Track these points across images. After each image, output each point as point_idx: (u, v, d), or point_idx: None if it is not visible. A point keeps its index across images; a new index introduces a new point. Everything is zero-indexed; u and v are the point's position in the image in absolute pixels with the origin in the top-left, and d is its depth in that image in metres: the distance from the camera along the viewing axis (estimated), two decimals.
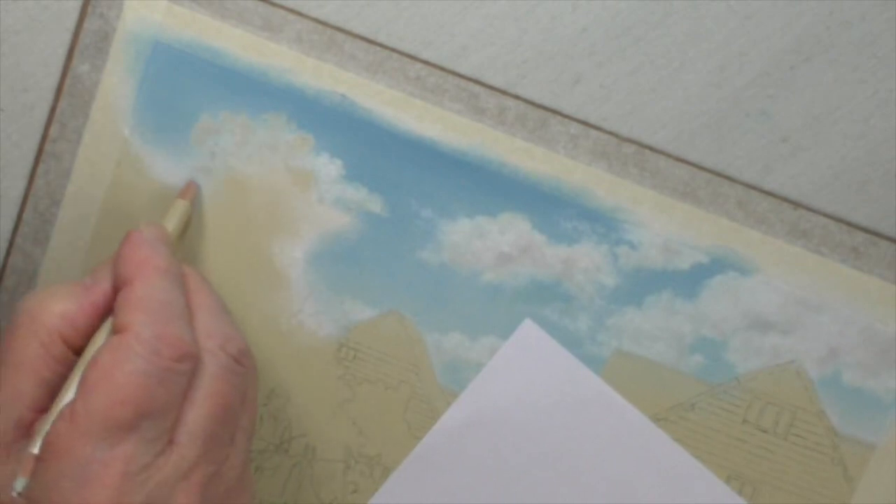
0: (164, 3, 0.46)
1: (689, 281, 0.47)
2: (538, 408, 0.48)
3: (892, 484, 0.48)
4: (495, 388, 0.48)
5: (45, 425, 0.39)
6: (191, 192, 0.47)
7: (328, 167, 0.47)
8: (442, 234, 0.47)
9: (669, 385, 0.48)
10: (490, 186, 0.47)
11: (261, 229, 0.48)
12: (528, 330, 0.48)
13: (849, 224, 0.47)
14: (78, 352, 0.41)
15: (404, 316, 0.48)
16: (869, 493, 0.48)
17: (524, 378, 0.48)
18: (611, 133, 0.47)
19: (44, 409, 0.40)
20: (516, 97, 0.47)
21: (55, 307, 0.41)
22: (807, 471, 0.48)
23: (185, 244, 0.47)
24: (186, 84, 0.47)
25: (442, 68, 0.46)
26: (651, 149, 0.47)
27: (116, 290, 0.42)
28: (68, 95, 0.47)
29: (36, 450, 0.38)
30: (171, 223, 0.45)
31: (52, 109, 0.47)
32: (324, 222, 0.47)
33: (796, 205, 0.47)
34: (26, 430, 0.40)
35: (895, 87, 0.46)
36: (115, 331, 0.40)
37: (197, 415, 0.40)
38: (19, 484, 0.38)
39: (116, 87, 0.47)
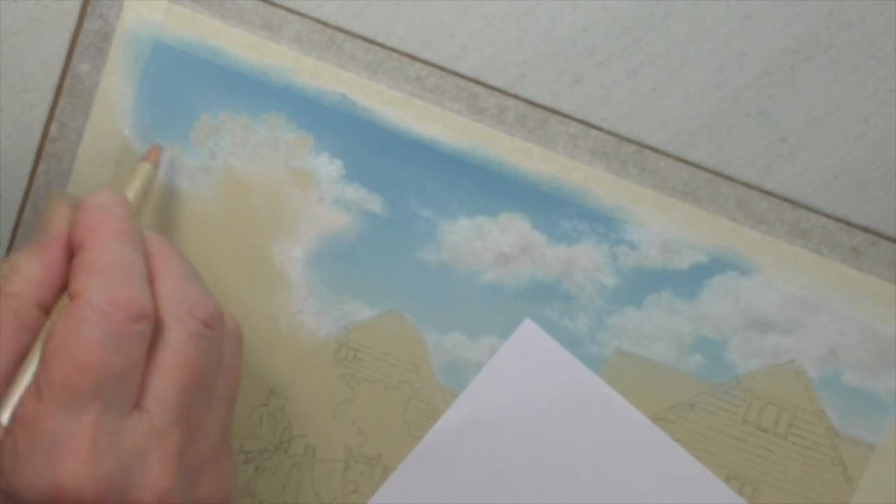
0: (164, 3, 0.46)
1: (689, 281, 0.47)
2: (538, 408, 0.48)
3: (892, 484, 0.48)
4: (495, 388, 0.48)
5: (12, 398, 0.38)
6: (154, 155, 0.46)
7: (328, 167, 0.47)
8: (442, 234, 0.47)
9: (669, 385, 0.48)
10: (490, 186, 0.47)
11: (261, 229, 0.48)
12: (528, 330, 0.48)
13: (849, 224, 0.47)
14: (49, 312, 0.41)
15: (404, 316, 0.48)
16: (869, 493, 0.48)
17: (524, 378, 0.48)
18: (611, 133, 0.47)
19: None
20: (516, 97, 0.47)
21: (20, 275, 0.41)
22: (807, 471, 0.48)
23: (183, 241, 0.47)
24: (186, 84, 0.47)
25: (442, 68, 0.46)
26: (651, 149, 0.47)
27: (72, 254, 0.41)
28: (68, 95, 0.47)
29: (5, 420, 0.38)
30: (133, 187, 0.45)
31: (52, 109, 0.47)
32: (324, 222, 0.47)
33: (796, 205, 0.47)
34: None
35: (895, 87, 0.46)
36: (70, 297, 0.40)
37: (165, 381, 0.39)
38: None
39: (116, 87, 0.47)
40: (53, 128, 0.47)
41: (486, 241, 0.47)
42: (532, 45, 0.46)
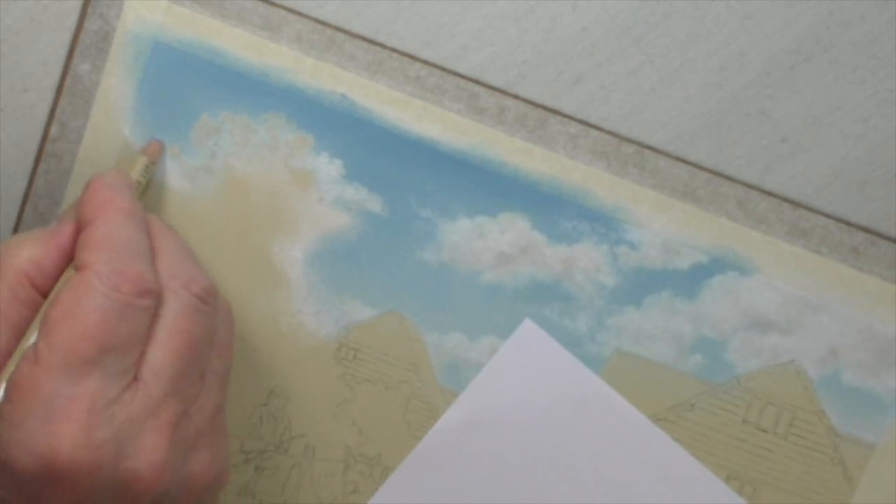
0: (164, 3, 0.46)
1: (689, 281, 0.47)
2: (538, 408, 0.48)
3: (892, 484, 0.48)
4: (495, 388, 0.48)
5: (11, 365, 0.39)
6: (153, 149, 0.46)
7: (328, 167, 0.47)
8: (442, 234, 0.47)
9: (669, 385, 0.48)
10: (490, 186, 0.47)
11: (261, 229, 0.48)
12: (528, 330, 0.48)
13: (849, 224, 0.47)
14: (46, 295, 0.41)
15: (404, 316, 0.48)
16: (869, 493, 0.48)
17: (524, 378, 0.48)
18: (611, 133, 0.47)
19: (11, 353, 0.40)
20: (516, 97, 0.47)
21: (22, 251, 0.41)
22: (807, 471, 0.48)
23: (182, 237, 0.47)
24: (186, 84, 0.47)
25: (442, 68, 0.46)
26: (651, 149, 0.47)
27: (80, 232, 0.42)
28: (68, 95, 0.47)
29: (1, 389, 0.38)
30: (132, 175, 0.45)
31: (52, 109, 0.47)
32: (324, 222, 0.47)
33: (796, 205, 0.47)
34: None
35: (895, 87, 0.46)
36: (76, 269, 0.40)
37: (161, 352, 0.40)
38: None
39: (116, 87, 0.47)
40: (53, 128, 0.47)
41: (486, 241, 0.47)
42: (532, 45, 0.46)
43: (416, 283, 0.48)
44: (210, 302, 0.42)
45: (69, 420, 0.38)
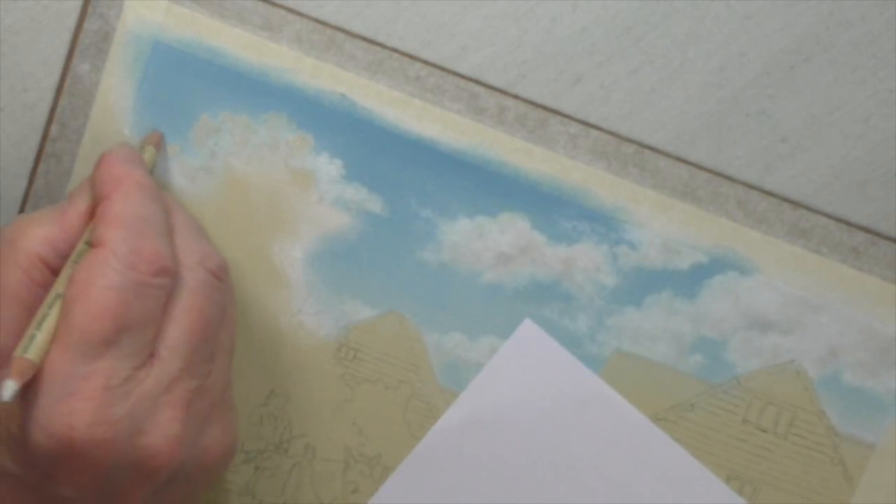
0: (164, 3, 0.46)
1: (689, 281, 0.47)
2: (538, 408, 0.48)
3: (892, 484, 0.48)
4: (495, 388, 0.48)
5: (25, 339, 0.38)
6: (156, 138, 0.46)
7: (328, 167, 0.47)
8: (442, 234, 0.47)
9: (669, 385, 0.48)
10: (490, 186, 0.47)
11: (261, 229, 0.48)
12: (528, 330, 0.48)
13: (849, 224, 0.47)
14: (59, 273, 0.41)
15: (404, 316, 0.48)
16: (869, 493, 0.48)
17: (524, 378, 0.48)
18: (611, 133, 0.47)
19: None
20: (516, 97, 0.47)
21: (35, 232, 0.41)
22: (807, 471, 0.48)
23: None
24: (186, 84, 0.47)
25: (442, 68, 0.46)
26: (651, 149, 0.47)
27: (95, 208, 0.41)
28: (68, 95, 0.47)
29: (23, 352, 0.38)
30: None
31: (52, 109, 0.47)
32: (324, 222, 0.47)
33: (796, 205, 0.47)
34: (8, 357, 0.39)
35: (895, 87, 0.46)
36: (93, 245, 0.40)
37: (177, 329, 0.40)
38: (9, 388, 0.37)
39: (116, 87, 0.47)
40: (53, 128, 0.47)
41: (486, 241, 0.47)
42: (532, 45, 0.46)
43: (416, 283, 0.48)
44: (224, 278, 0.42)
45: (85, 398, 0.38)
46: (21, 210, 0.48)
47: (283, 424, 0.49)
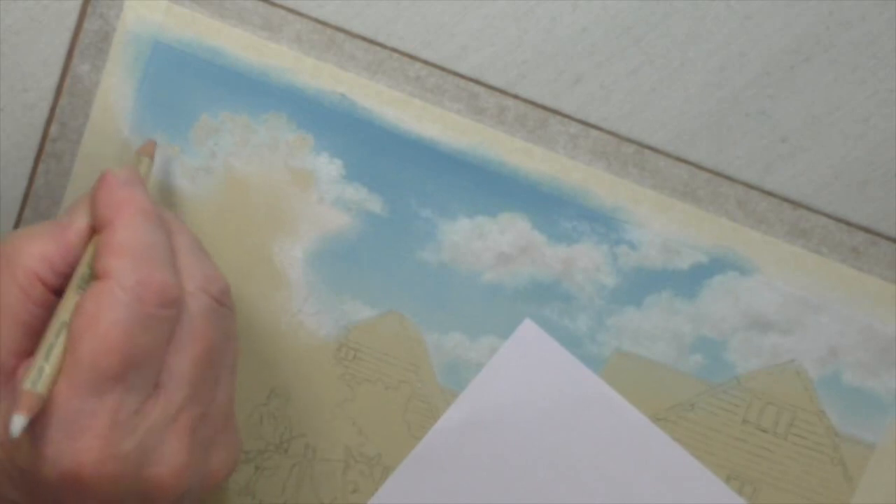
0: (164, 3, 0.46)
1: (689, 281, 0.47)
2: (538, 408, 0.48)
3: (892, 484, 0.48)
4: (495, 388, 0.48)
5: (34, 372, 0.38)
6: (150, 148, 0.46)
7: (328, 167, 0.47)
8: (442, 234, 0.47)
9: (669, 385, 0.48)
10: (490, 186, 0.47)
11: (261, 229, 0.48)
12: (528, 330, 0.48)
13: (849, 224, 0.47)
14: (57, 292, 0.40)
15: (404, 316, 0.48)
16: (869, 493, 0.48)
17: (524, 378, 0.48)
18: (610, 133, 0.47)
19: (25, 353, 0.40)
20: (516, 97, 0.47)
21: (33, 249, 0.40)
22: (807, 471, 0.48)
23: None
24: (186, 84, 0.47)
25: (442, 68, 0.46)
26: (651, 149, 0.47)
27: (94, 230, 0.41)
28: (68, 95, 0.47)
29: (31, 386, 0.37)
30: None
31: (52, 109, 0.47)
32: (324, 222, 0.47)
33: (796, 205, 0.47)
34: (8, 377, 0.39)
35: (895, 87, 0.46)
36: (97, 276, 0.39)
37: (182, 358, 0.40)
38: (18, 423, 0.36)
39: (116, 87, 0.47)
40: (53, 128, 0.47)
41: (486, 241, 0.47)
42: (532, 45, 0.46)
43: (416, 283, 0.48)
44: (227, 303, 0.42)
45: (93, 435, 0.38)
46: (21, 210, 0.48)
47: (283, 424, 0.49)
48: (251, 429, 0.49)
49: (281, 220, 0.47)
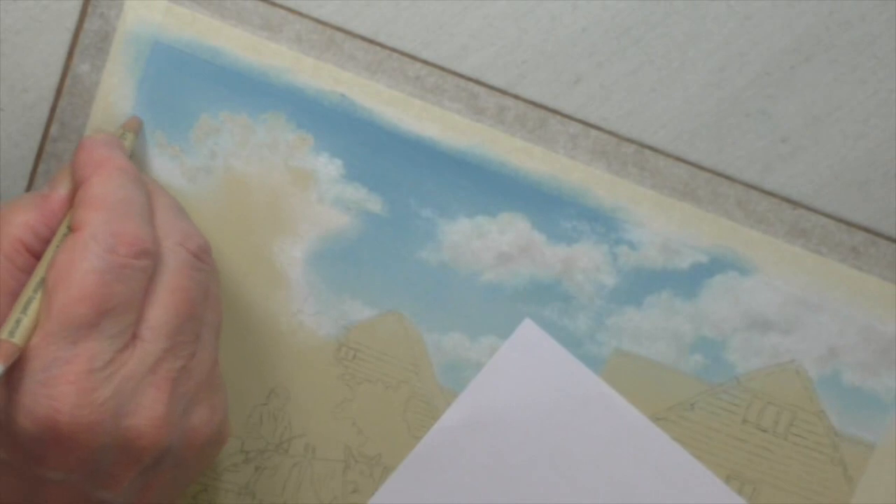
0: (164, 3, 0.46)
1: (689, 281, 0.47)
2: (538, 408, 0.48)
3: (892, 484, 0.48)
4: (495, 388, 0.48)
5: (10, 323, 0.38)
6: (134, 123, 0.46)
7: (328, 167, 0.47)
8: (442, 233, 0.47)
9: (669, 385, 0.48)
10: (490, 186, 0.47)
11: (261, 229, 0.48)
12: (528, 330, 0.48)
13: (849, 224, 0.47)
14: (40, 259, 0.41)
15: (404, 316, 0.48)
16: (869, 493, 0.48)
17: (524, 378, 0.48)
18: (610, 133, 0.47)
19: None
20: (516, 97, 0.47)
21: (16, 218, 0.41)
22: (807, 471, 0.48)
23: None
24: (186, 84, 0.47)
25: (442, 68, 0.47)
26: (651, 149, 0.47)
27: (75, 193, 0.41)
28: (68, 95, 0.47)
29: (8, 336, 0.38)
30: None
31: (52, 109, 0.47)
32: (324, 222, 0.47)
33: (796, 205, 0.47)
34: None
35: (895, 88, 0.46)
36: (72, 229, 0.40)
37: (159, 310, 0.40)
38: None
39: (116, 87, 0.47)
40: (53, 128, 0.47)
41: (486, 240, 0.47)
42: (532, 45, 0.46)
43: (416, 283, 0.48)
44: (205, 259, 0.42)
45: (68, 382, 0.38)
46: None
47: (283, 424, 0.49)
48: (251, 429, 0.49)
49: (281, 220, 0.47)
